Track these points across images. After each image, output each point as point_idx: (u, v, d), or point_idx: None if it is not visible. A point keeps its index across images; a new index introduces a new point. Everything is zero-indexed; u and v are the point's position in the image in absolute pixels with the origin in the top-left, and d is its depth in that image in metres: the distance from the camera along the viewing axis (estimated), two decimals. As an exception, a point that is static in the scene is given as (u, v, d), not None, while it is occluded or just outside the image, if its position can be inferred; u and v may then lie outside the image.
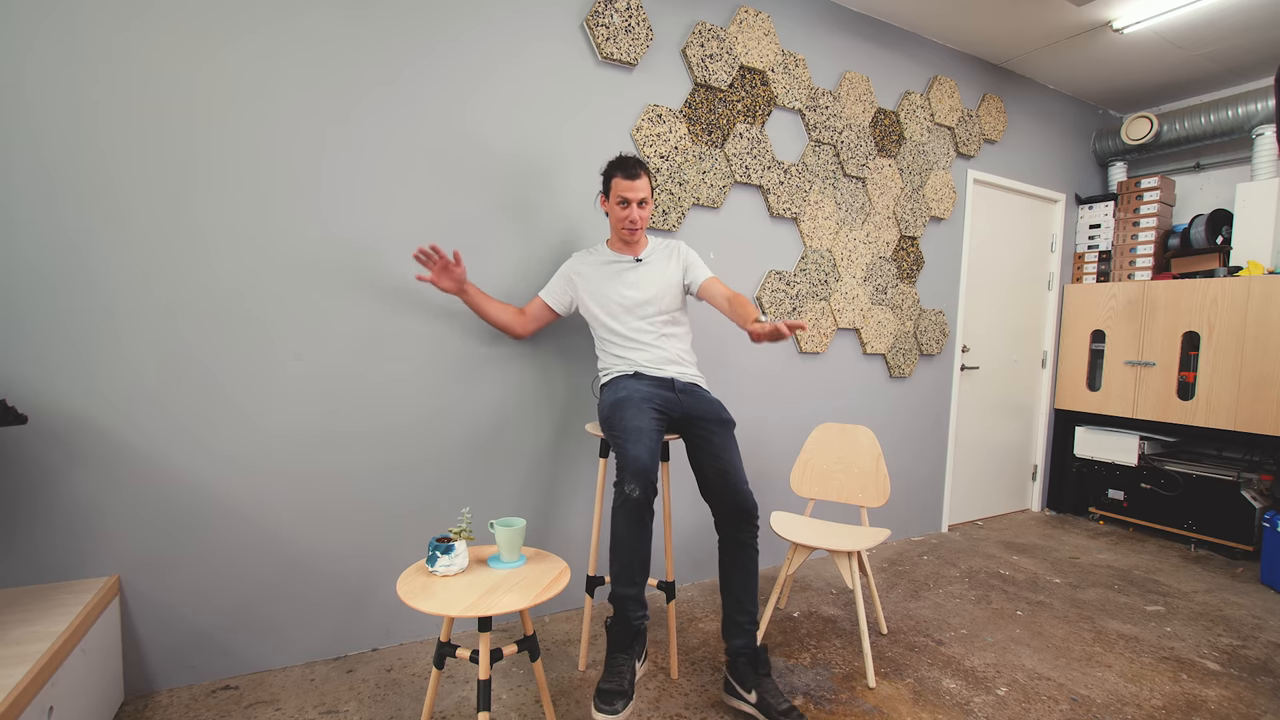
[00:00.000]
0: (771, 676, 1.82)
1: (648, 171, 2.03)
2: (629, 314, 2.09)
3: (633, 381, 2.02)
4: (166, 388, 1.86)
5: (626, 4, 2.45)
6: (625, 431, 1.77)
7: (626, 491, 1.69)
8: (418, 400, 2.21)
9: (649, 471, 1.70)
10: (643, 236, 2.14)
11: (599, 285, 2.13)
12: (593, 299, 2.13)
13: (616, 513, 1.71)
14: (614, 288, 2.11)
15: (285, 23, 1.94)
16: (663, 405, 1.94)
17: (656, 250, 2.16)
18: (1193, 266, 3.83)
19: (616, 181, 2.00)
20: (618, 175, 2.00)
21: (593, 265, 2.15)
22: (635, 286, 2.10)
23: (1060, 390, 4.23)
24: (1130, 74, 3.77)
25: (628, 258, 2.13)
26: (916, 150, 3.37)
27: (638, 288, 2.10)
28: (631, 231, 2.05)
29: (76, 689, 1.51)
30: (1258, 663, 2.29)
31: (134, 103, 1.78)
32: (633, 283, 2.10)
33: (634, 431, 1.76)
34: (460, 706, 1.87)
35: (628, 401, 1.88)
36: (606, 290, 2.11)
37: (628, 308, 2.09)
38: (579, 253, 2.23)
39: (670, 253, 2.16)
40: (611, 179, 2.01)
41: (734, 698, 1.84)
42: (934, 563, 3.21)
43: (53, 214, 1.72)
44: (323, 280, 2.05)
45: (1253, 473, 3.40)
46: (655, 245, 2.17)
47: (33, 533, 1.74)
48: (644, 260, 2.13)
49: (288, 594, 2.06)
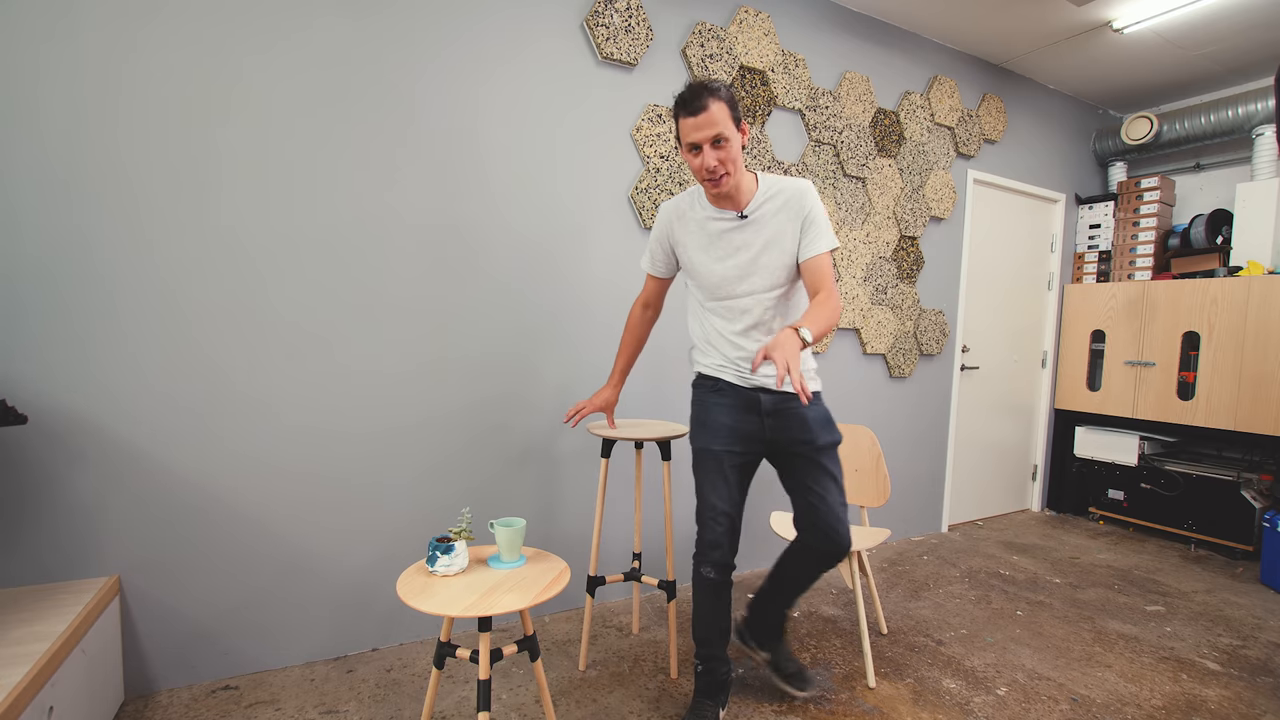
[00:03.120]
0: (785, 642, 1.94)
1: (724, 97, 1.52)
2: (735, 284, 1.68)
3: (714, 401, 1.74)
4: (167, 388, 1.86)
5: (626, 4, 2.45)
6: (703, 505, 1.70)
7: (703, 572, 1.69)
8: (418, 400, 2.21)
9: (726, 556, 1.68)
10: (743, 182, 1.62)
11: (695, 253, 1.72)
12: (691, 270, 1.75)
13: (695, 585, 1.73)
14: (711, 257, 1.69)
15: (288, 24, 1.94)
16: (746, 447, 1.70)
17: (771, 199, 1.63)
18: (1193, 266, 3.83)
19: (681, 123, 1.55)
20: (681, 114, 1.55)
21: (689, 226, 1.73)
22: (736, 253, 1.66)
23: (1060, 390, 4.23)
24: (1130, 74, 3.77)
25: (729, 213, 1.66)
26: (916, 150, 3.37)
27: (738, 255, 1.65)
28: (714, 183, 1.57)
29: (76, 689, 1.51)
30: (1258, 663, 2.29)
31: (137, 101, 1.78)
32: (734, 247, 1.66)
33: (710, 510, 1.68)
34: (460, 706, 1.87)
35: (707, 455, 1.71)
36: (704, 259, 1.70)
37: (728, 280, 1.68)
38: (672, 203, 1.78)
39: (788, 203, 1.63)
40: (678, 121, 1.57)
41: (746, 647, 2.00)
42: (934, 563, 3.21)
43: (55, 210, 1.72)
44: (323, 280, 2.05)
45: (1253, 473, 3.40)
46: (769, 191, 1.64)
47: (33, 533, 1.74)
48: (749, 217, 1.64)
49: (288, 594, 2.06)
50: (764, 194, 1.64)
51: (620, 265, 2.57)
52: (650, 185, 2.57)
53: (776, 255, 1.64)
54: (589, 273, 2.50)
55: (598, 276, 2.52)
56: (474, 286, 2.29)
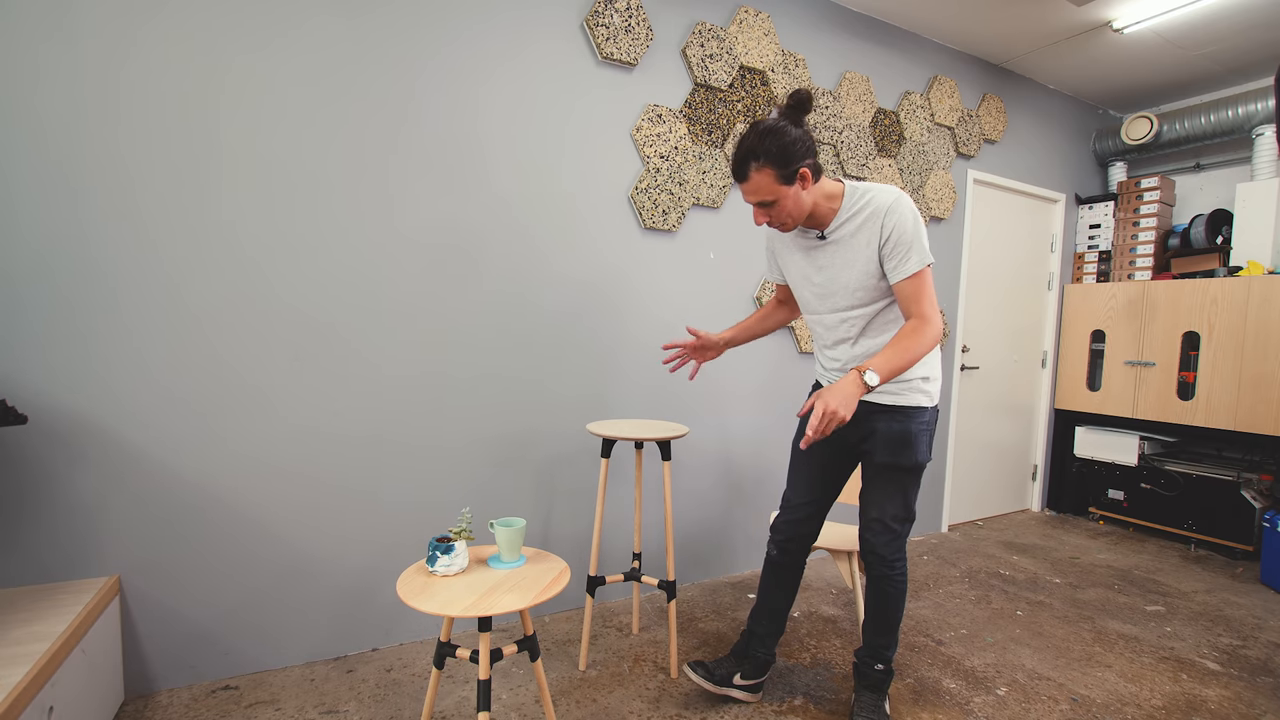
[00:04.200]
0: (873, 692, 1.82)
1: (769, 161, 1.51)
2: (819, 302, 1.72)
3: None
4: (168, 388, 1.86)
5: (626, 4, 2.45)
6: (794, 486, 1.87)
7: (769, 549, 1.91)
8: (418, 400, 2.21)
9: (788, 541, 1.86)
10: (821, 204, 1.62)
11: (792, 267, 1.77)
12: (792, 281, 1.79)
13: (766, 560, 1.93)
14: (804, 270, 1.73)
15: (290, 25, 1.94)
16: (834, 449, 1.78)
17: (851, 217, 1.61)
18: (1193, 266, 3.83)
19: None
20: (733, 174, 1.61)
21: (785, 239, 1.78)
22: (819, 271, 1.69)
23: (1060, 390, 4.23)
24: (1130, 74, 3.77)
25: (812, 232, 1.68)
26: (916, 150, 3.37)
27: (821, 273, 1.68)
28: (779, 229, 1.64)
29: (76, 689, 1.51)
30: (1258, 663, 2.29)
31: (140, 99, 1.78)
32: (817, 265, 1.69)
33: (784, 500, 1.89)
34: (460, 706, 1.87)
35: (794, 452, 1.88)
36: (798, 272, 1.75)
37: (814, 297, 1.72)
38: None
39: (867, 222, 1.59)
40: None
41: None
42: (934, 563, 3.21)
43: (57, 208, 1.72)
44: (324, 280, 2.05)
45: (1253, 473, 3.40)
46: (852, 208, 1.61)
47: (33, 532, 1.74)
48: (829, 238, 1.65)
49: (288, 594, 2.06)
50: (846, 211, 1.62)
51: (620, 265, 2.57)
52: (650, 185, 2.57)
53: (855, 276, 1.63)
54: (589, 273, 2.50)
55: (597, 277, 2.52)
56: (473, 286, 2.28)
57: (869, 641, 1.84)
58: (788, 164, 1.52)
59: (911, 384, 1.69)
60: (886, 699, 1.84)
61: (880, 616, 1.80)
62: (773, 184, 1.53)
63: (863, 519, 1.78)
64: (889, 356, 1.50)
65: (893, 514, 1.72)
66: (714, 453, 2.86)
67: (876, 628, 1.81)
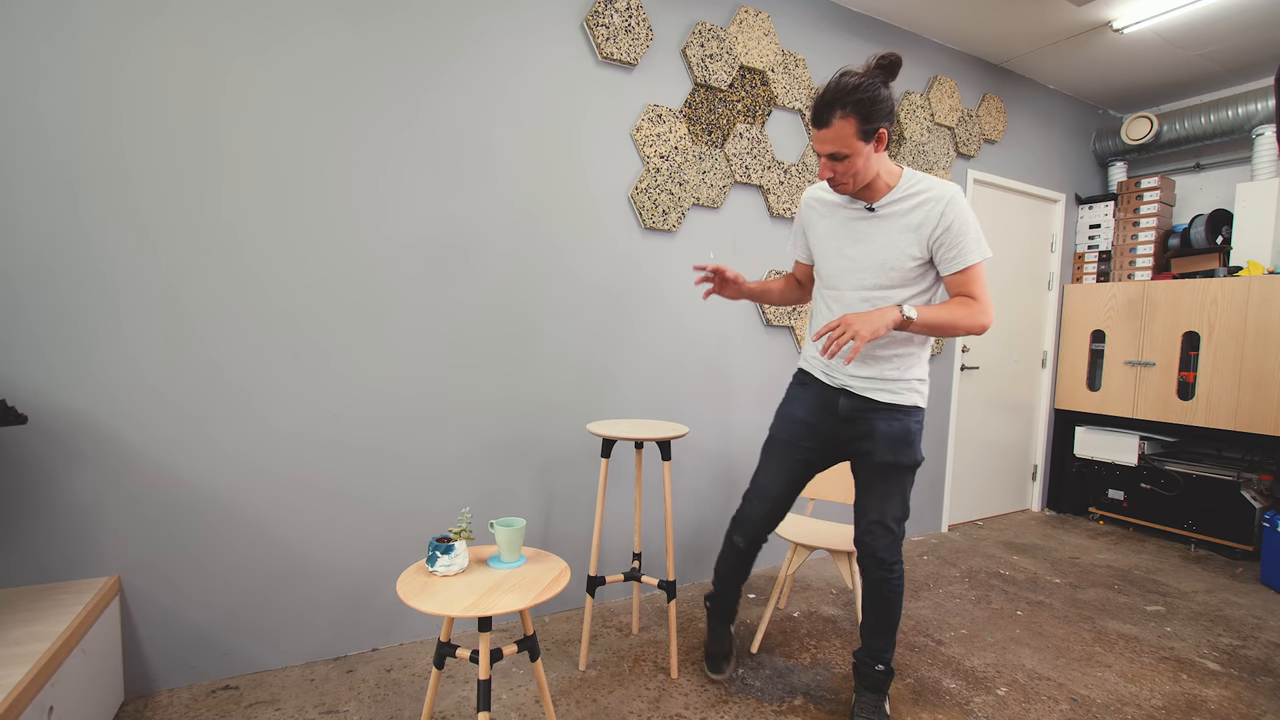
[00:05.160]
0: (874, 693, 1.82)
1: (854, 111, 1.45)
2: (846, 276, 1.68)
3: (797, 394, 1.83)
4: (168, 387, 1.86)
5: (626, 4, 2.45)
6: (754, 481, 1.88)
7: (734, 540, 1.92)
8: (418, 400, 2.21)
9: (755, 532, 1.88)
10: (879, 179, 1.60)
11: (825, 237, 1.73)
12: (820, 250, 1.75)
13: (725, 544, 1.95)
14: (838, 241, 1.68)
15: (290, 28, 1.94)
16: (814, 444, 1.79)
17: (907, 198, 1.59)
18: (1193, 266, 3.83)
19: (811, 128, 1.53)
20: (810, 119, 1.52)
21: (822, 210, 1.74)
22: (856, 243, 1.65)
23: (1060, 390, 4.23)
24: (1130, 74, 3.77)
25: (859, 203, 1.65)
26: (916, 150, 3.37)
27: (857, 245, 1.65)
28: (833, 188, 1.61)
29: (76, 689, 1.51)
30: (1258, 663, 2.29)
31: (139, 101, 1.78)
32: (856, 237, 1.65)
33: (755, 489, 1.88)
34: (460, 706, 1.87)
35: (773, 441, 1.87)
36: (831, 242, 1.71)
37: (841, 270, 1.68)
38: (815, 187, 1.78)
39: (923, 205, 1.57)
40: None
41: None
42: (934, 563, 3.21)
43: (57, 209, 1.72)
44: (324, 281, 2.05)
45: (1253, 473, 3.40)
46: (909, 189, 1.59)
47: (33, 533, 1.74)
48: (877, 211, 1.62)
49: (288, 594, 2.06)
50: (902, 191, 1.60)
51: (619, 265, 2.57)
52: (650, 185, 2.57)
53: (892, 255, 1.61)
54: (589, 273, 2.50)
55: (597, 277, 2.52)
56: (473, 286, 2.28)
57: (868, 644, 1.83)
58: (871, 120, 1.48)
59: (909, 384, 1.72)
60: (887, 699, 1.84)
61: (879, 620, 1.80)
62: (852, 137, 1.48)
63: (861, 522, 1.75)
64: (936, 310, 1.52)
65: (893, 515, 1.72)
66: (714, 453, 2.86)
67: (876, 631, 1.81)
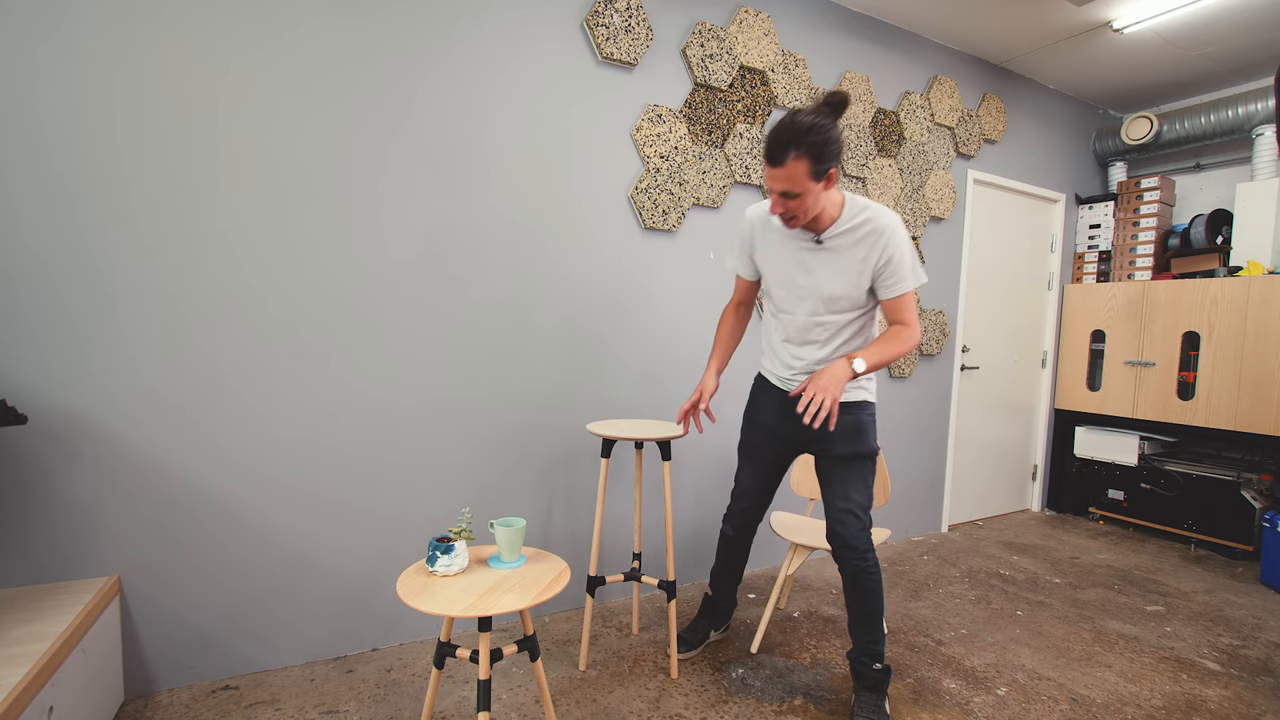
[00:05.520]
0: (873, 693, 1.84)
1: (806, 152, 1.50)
2: (796, 303, 1.77)
3: (760, 400, 1.97)
4: (168, 387, 1.86)
5: (626, 4, 2.45)
6: (737, 481, 2.08)
7: (724, 529, 2.13)
8: (417, 400, 2.21)
9: (743, 522, 2.08)
10: (825, 210, 1.66)
11: (774, 263, 1.80)
12: (770, 277, 1.83)
13: (720, 536, 2.15)
14: (788, 269, 1.76)
15: (288, 27, 1.94)
16: (779, 445, 1.94)
17: (850, 230, 1.66)
18: (1193, 266, 3.83)
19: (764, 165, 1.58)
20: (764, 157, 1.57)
21: (770, 236, 1.80)
22: (805, 274, 1.73)
23: (1060, 390, 4.23)
24: (1130, 74, 3.77)
25: (808, 234, 1.71)
26: (916, 150, 3.37)
27: (807, 276, 1.73)
28: (783, 223, 1.66)
29: (76, 689, 1.51)
30: (1258, 663, 2.29)
31: (138, 102, 1.78)
32: (805, 268, 1.73)
33: (737, 487, 2.08)
34: (460, 706, 1.87)
35: (745, 446, 2.05)
36: (781, 270, 1.79)
37: (792, 297, 1.78)
38: (759, 209, 1.83)
39: (866, 238, 1.65)
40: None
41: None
42: (934, 563, 3.21)
43: (55, 210, 1.72)
44: (323, 281, 2.05)
45: (1253, 473, 3.40)
46: (851, 220, 1.66)
47: (33, 533, 1.74)
48: (825, 243, 1.69)
49: (288, 594, 2.06)
50: (845, 222, 1.67)
51: (620, 266, 2.57)
52: (650, 185, 2.57)
53: (840, 287, 1.71)
54: (588, 274, 2.50)
55: (597, 277, 2.52)
56: (472, 286, 2.28)
57: (857, 640, 1.86)
58: (823, 160, 1.53)
59: (855, 383, 1.82)
60: (886, 698, 1.84)
61: (863, 612, 1.84)
62: (804, 176, 1.53)
63: (830, 513, 1.84)
64: (877, 351, 1.66)
65: (859, 503, 1.81)
66: (714, 453, 2.86)
67: (861, 624, 1.85)
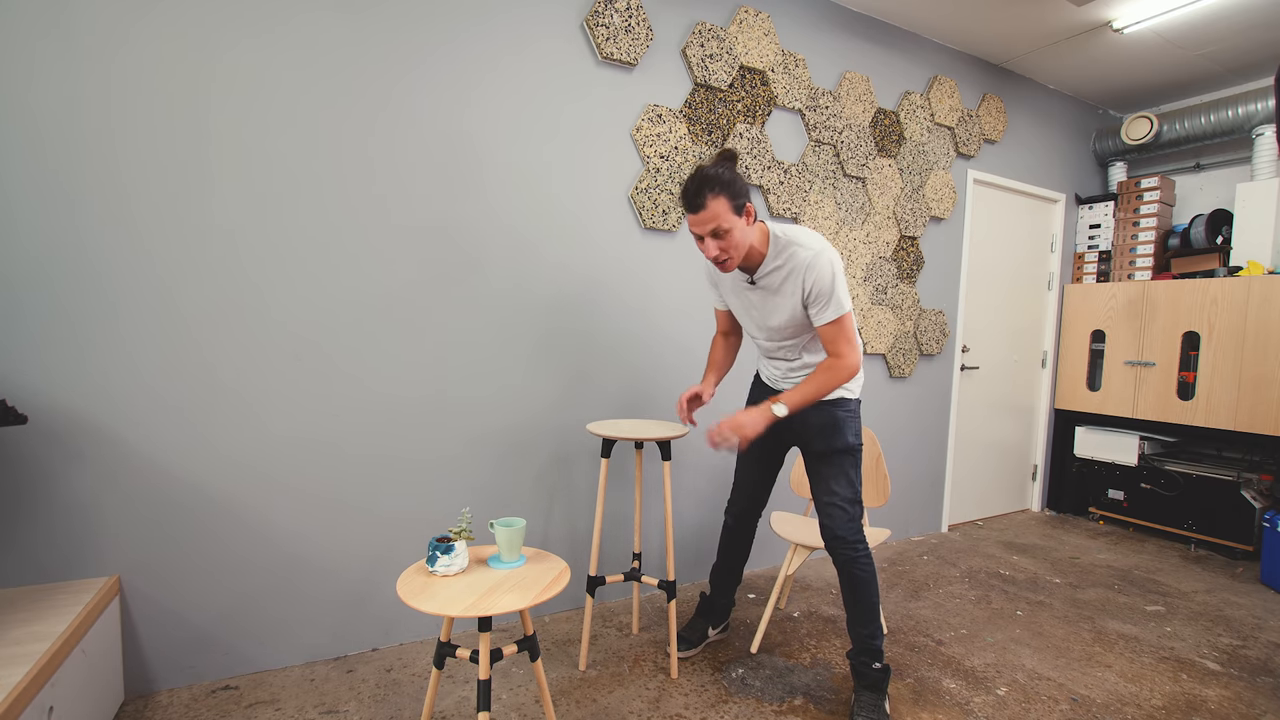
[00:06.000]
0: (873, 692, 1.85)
1: (723, 190, 1.62)
2: (758, 331, 1.94)
3: (756, 399, 2.07)
4: (168, 387, 1.86)
5: (626, 4, 2.45)
6: (735, 477, 2.19)
7: (726, 519, 2.21)
8: (418, 401, 2.21)
9: (742, 513, 2.17)
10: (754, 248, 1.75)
11: (731, 298, 1.95)
12: (733, 309, 1.99)
13: (723, 527, 2.23)
14: (742, 305, 1.92)
15: (287, 26, 1.94)
16: (773, 440, 1.99)
17: (778, 269, 1.76)
18: (1193, 266, 3.83)
19: (686, 215, 1.69)
20: (684, 207, 1.67)
21: (724, 276, 1.92)
22: (751, 308, 1.88)
23: (1060, 390, 4.23)
24: (1130, 74, 3.77)
25: (744, 275, 1.84)
26: (916, 150, 3.37)
27: (753, 310, 1.88)
28: (719, 266, 1.72)
29: (76, 689, 1.51)
30: (1258, 663, 2.29)
31: (137, 102, 1.78)
32: (749, 303, 1.88)
33: (736, 480, 2.18)
34: (460, 706, 1.87)
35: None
36: (737, 305, 1.94)
37: (749, 326, 1.95)
38: None
39: (792, 274, 1.74)
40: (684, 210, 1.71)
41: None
42: (934, 563, 3.21)
43: (54, 212, 1.71)
44: (322, 281, 2.05)
45: (1253, 473, 3.40)
46: (777, 259, 1.75)
47: (33, 533, 1.74)
48: (758, 283, 1.81)
49: (288, 594, 2.06)
50: (772, 261, 1.76)
51: (620, 266, 2.57)
52: (650, 185, 2.57)
53: (781, 318, 1.83)
54: (588, 274, 2.50)
55: (597, 278, 2.52)
56: (472, 285, 2.28)
57: (855, 636, 1.88)
58: (737, 196, 1.65)
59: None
60: (886, 698, 1.84)
61: (857, 603, 1.86)
62: (727, 212, 1.63)
63: (818, 508, 1.91)
64: (802, 391, 1.74)
65: (842, 495, 1.86)
66: (714, 453, 2.86)
67: (857, 617, 1.87)
